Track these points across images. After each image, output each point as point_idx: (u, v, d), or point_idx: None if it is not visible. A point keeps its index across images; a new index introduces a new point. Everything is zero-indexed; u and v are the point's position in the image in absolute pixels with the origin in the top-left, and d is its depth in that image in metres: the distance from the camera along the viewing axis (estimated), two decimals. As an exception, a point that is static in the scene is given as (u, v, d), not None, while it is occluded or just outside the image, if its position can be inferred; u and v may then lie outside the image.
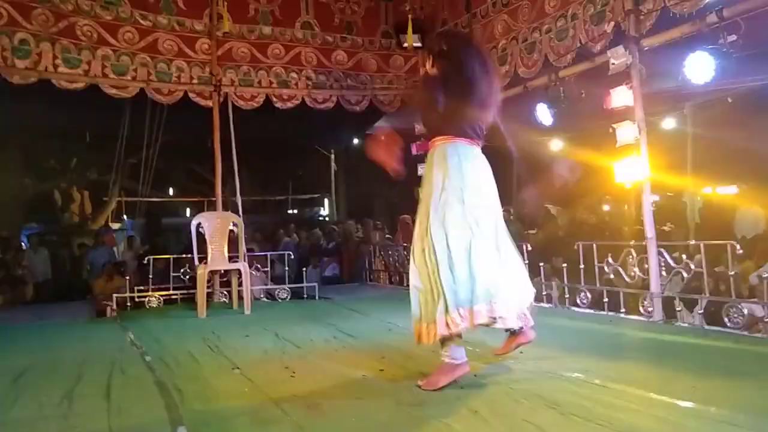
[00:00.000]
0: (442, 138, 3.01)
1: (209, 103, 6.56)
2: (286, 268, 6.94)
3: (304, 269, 7.34)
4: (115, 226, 14.20)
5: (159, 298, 6.29)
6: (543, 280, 5.68)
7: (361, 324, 4.92)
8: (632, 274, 4.75)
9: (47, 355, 4.09)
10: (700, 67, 4.62)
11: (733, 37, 4.19)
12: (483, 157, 3.04)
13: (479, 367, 3.13)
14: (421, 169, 7.22)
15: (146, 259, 6.61)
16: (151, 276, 6.37)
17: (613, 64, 4.69)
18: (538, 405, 2.53)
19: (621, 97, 4.66)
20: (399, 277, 7.99)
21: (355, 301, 6.61)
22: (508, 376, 2.98)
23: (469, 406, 2.54)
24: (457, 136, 2.97)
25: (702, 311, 4.26)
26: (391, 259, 8.30)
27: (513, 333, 3.08)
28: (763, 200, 6.70)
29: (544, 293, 5.64)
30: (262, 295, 6.79)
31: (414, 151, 7.40)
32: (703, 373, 3.00)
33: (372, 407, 2.64)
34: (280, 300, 6.67)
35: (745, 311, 3.99)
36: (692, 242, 4.57)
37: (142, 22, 6.27)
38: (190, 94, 6.51)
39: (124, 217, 15.78)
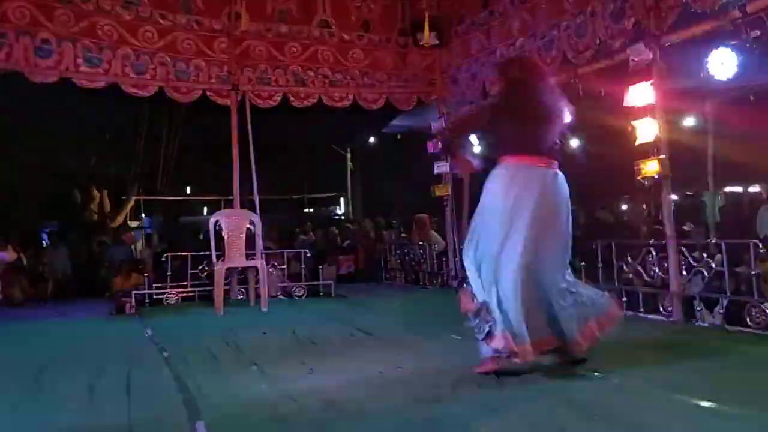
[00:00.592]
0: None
1: (227, 102, 6.59)
2: (303, 266, 6.97)
3: (320, 267, 7.35)
4: (134, 224, 14.34)
5: (177, 295, 6.35)
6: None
7: (377, 321, 4.93)
8: (652, 273, 4.69)
9: (68, 350, 4.14)
10: (722, 64, 4.56)
11: (757, 33, 4.12)
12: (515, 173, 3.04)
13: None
14: (437, 168, 7.30)
15: (164, 256, 6.66)
16: (169, 273, 6.43)
17: (634, 61, 4.63)
18: (558, 404, 2.52)
19: (641, 94, 4.61)
20: (415, 275, 7.98)
21: (370, 298, 6.62)
22: (526, 375, 2.96)
23: (487, 404, 2.53)
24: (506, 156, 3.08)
25: (723, 311, 4.20)
26: (406, 257, 8.29)
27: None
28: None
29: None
30: (278, 293, 6.81)
31: (430, 149, 7.39)
32: (724, 373, 2.96)
33: (390, 404, 2.64)
34: (296, 297, 6.70)
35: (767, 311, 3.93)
36: (713, 241, 4.50)
37: (161, 21, 6.32)
38: (208, 93, 6.55)
39: (143, 215, 15.93)
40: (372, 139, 14.94)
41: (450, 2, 7.17)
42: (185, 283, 6.46)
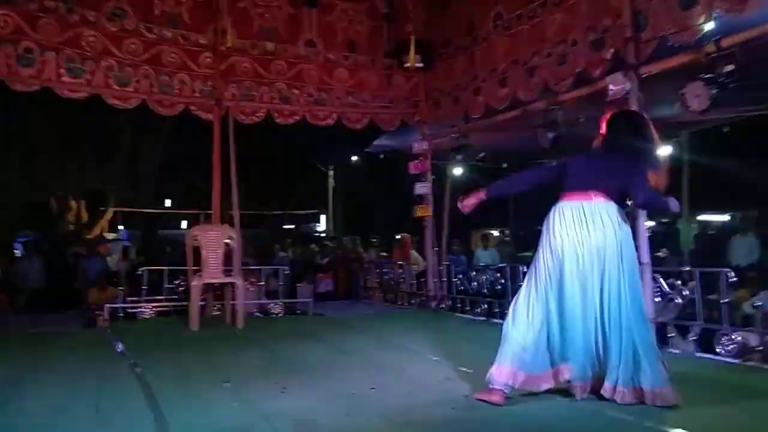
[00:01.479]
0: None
1: (210, 117, 6.58)
2: (281, 283, 6.93)
3: (298, 285, 7.32)
4: (111, 235, 14.17)
5: (152, 310, 6.26)
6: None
7: (353, 341, 4.90)
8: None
9: (38, 363, 4.06)
10: (697, 96, 4.67)
11: (731, 68, 4.24)
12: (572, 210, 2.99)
13: (473, 389, 3.12)
14: (418, 188, 7.35)
15: (140, 269, 6.59)
16: (145, 287, 6.35)
17: (612, 90, 4.73)
18: (532, 429, 2.52)
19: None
20: (394, 295, 7.97)
21: (348, 317, 6.59)
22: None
23: (460, 428, 2.53)
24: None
25: (695, 338, 4.26)
26: (386, 276, 8.29)
27: None
28: (757, 229, 6.74)
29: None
30: (255, 310, 6.76)
31: (412, 170, 7.43)
32: (695, 401, 2.98)
33: (362, 425, 2.63)
34: (273, 315, 6.65)
35: (738, 339, 4.00)
36: (687, 269, 4.57)
37: (146, 34, 6.31)
38: (192, 108, 6.54)
39: (120, 227, 15.76)
40: (355, 158, 15.01)
41: (436, 26, 7.27)
42: (161, 297, 6.38)
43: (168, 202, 18.61)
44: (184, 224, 18.00)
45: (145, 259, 9.74)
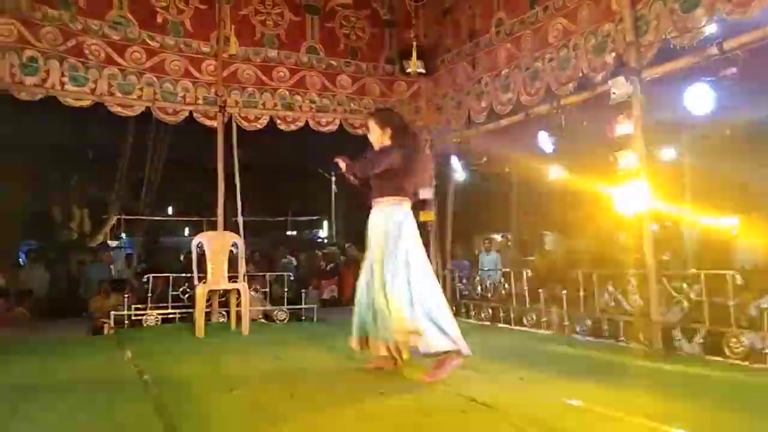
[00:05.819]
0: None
1: (214, 124, 6.61)
2: (285, 290, 6.93)
3: (303, 291, 7.32)
4: (114, 243, 14.19)
5: (157, 317, 6.26)
6: (543, 307, 5.68)
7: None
8: (632, 302, 4.75)
9: (44, 372, 4.06)
10: (699, 99, 4.70)
11: (733, 70, 4.26)
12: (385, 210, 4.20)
13: (480, 389, 3.12)
14: (422, 194, 7.33)
15: (145, 277, 6.60)
16: (149, 294, 6.35)
17: (614, 93, 4.74)
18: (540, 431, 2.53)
19: (622, 126, 4.71)
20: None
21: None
22: (508, 401, 2.97)
23: (469, 431, 2.53)
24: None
25: (701, 341, 4.26)
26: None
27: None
28: (761, 231, 6.74)
29: (543, 320, 5.65)
30: (260, 316, 6.76)
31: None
32: (702, 403, 2.99)
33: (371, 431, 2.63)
34: (278, 321, 6.65)
35: (745, 342, 4.00)
36: (693, 271, 4.57)
37: (149, 42, 6.35)
38: (195, 114, 6.57)
39: (123, 234, 15.78)
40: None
41: (436, 34, 7.32)
42: (166, 304, 6.38)
43: (170, 210, 18.64)
44: (186, 231, 18.04)
45: (148, 267, 9.75)
